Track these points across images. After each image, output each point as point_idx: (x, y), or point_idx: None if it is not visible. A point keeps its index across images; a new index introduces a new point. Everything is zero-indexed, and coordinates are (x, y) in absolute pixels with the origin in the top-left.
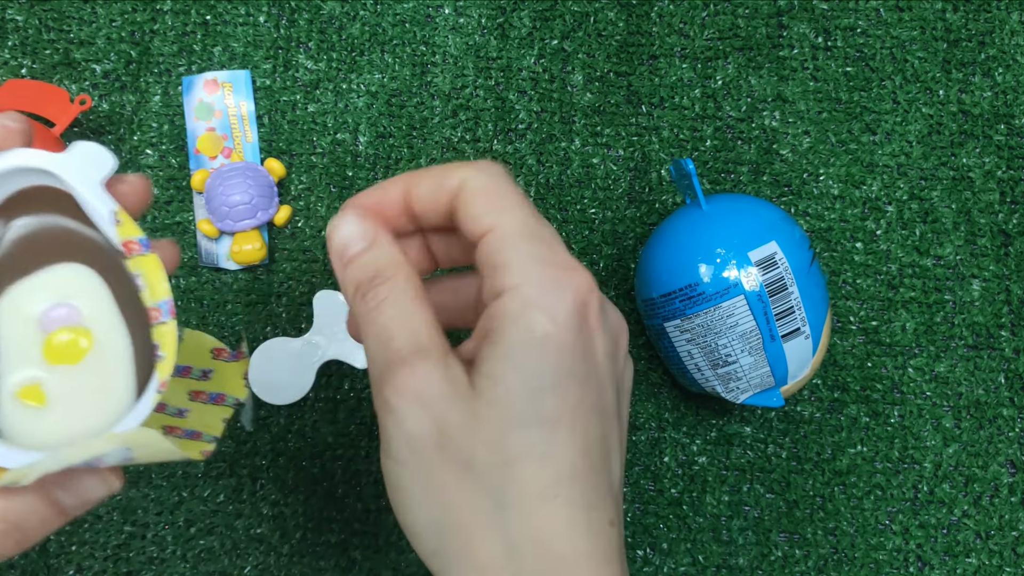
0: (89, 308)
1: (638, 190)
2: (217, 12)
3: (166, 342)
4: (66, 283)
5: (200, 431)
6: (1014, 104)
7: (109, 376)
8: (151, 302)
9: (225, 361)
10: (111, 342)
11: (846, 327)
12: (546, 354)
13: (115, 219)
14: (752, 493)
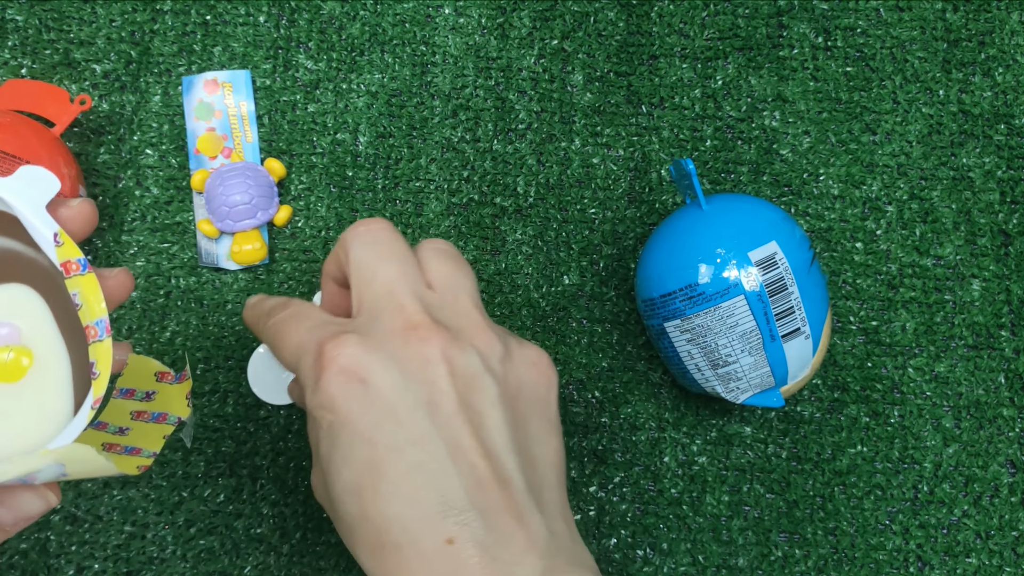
0: (30, 327)
1: (638, 190)
2: (217, 12)
3: (101, 359)
4: (8, 303)
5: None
6: (1014, 104)
7: (48, 394)
8: (88, 320)
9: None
10: (50, 361)
11: (846, 327)
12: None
13: (56, 240)
14: (752, 493)
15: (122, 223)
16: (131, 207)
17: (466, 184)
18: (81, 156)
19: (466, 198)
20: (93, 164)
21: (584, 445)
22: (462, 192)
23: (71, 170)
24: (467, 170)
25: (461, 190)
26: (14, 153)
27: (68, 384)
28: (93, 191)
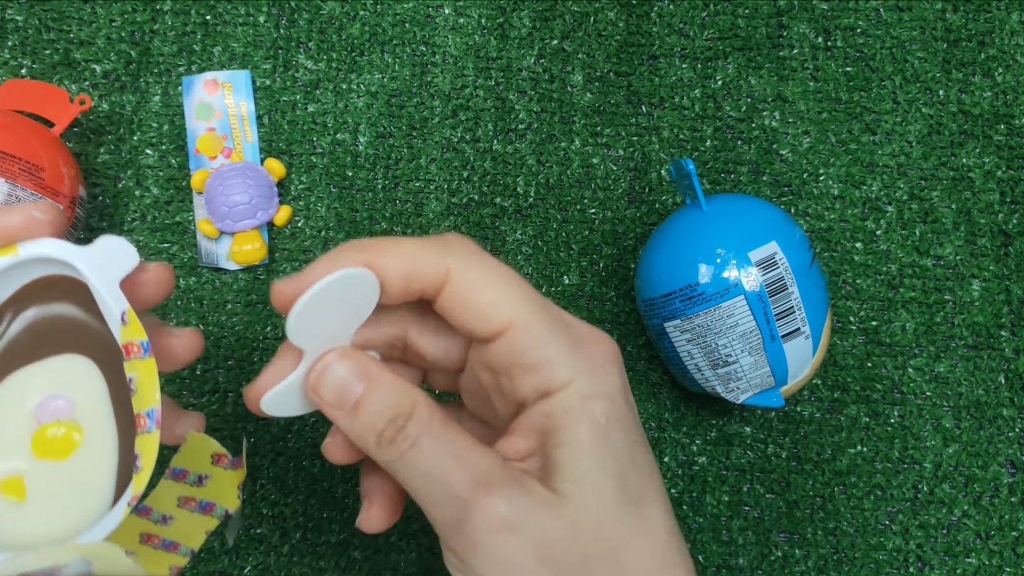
0: (84, 403)
1: (638, 190)
2: (217, 12)
3: (146, 453)
4: (65, 374)
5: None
6: (1014, 104)
7: (92, 477)
8: (140, 408)
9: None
10: (99, 441)
11: (846, 327)
12: (616, 437)
13: (123, 319)
14: (752, 493)
15: (122, 223)
16: (131, 207)
17: (466, 184)
18: (81, 156)
19: (466, 198)
20: (93, 164)
21: None
22: (462, 192)
23: (71, 170)
24: (467, 170)
25: (461, 190)
26: (14, 153)
27: (113, 471)
28: (93, 191)
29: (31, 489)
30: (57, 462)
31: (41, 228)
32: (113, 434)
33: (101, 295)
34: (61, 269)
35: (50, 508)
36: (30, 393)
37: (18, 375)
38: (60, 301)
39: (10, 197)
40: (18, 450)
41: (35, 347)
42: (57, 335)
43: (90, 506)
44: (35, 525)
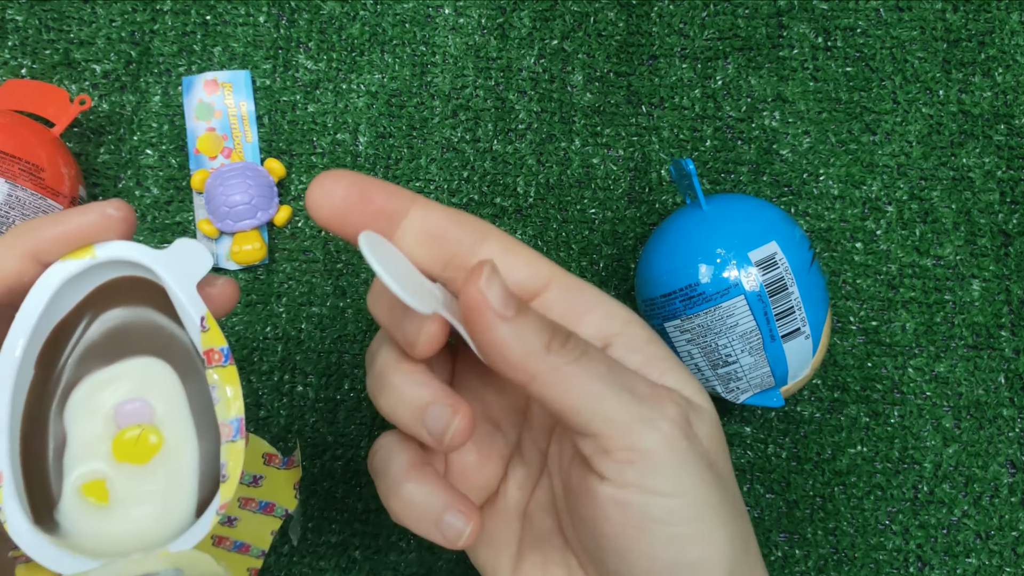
0: (162, 406)
1: (638, 190)
2: (217, 12)
3: (232, 461)
4: (143, 378)
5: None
6: (1014, 104)
7: (173, 482)
8: (224, 418)
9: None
10: (180, 446)
11: (846, 327)
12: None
13: (203, 325)
14: (752, 493)
15: None
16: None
17: (466, 184)
18: (81, 156)
19: (466, 198)
20: (93, 164)
21: None
22: (462, 192)
23: (71, 170)
24: (467, 170)
25: (461, 190)
26: (14, 153)
27: (195, 477)
28: (93, 191)
29: (113, 493)
30: (137, 466)
31: (116, 226)
32: (193, 439)
33: (180, 300)
34: (137, 271)
35: (133, 513)
36: (108, 396)
37: (96, 377)
38: (137, 303)
39: (10, 197)
40: (98, 453)
41: (113, 349)
42: (135, 338)
43: (173, 512)
44: (118, 530)
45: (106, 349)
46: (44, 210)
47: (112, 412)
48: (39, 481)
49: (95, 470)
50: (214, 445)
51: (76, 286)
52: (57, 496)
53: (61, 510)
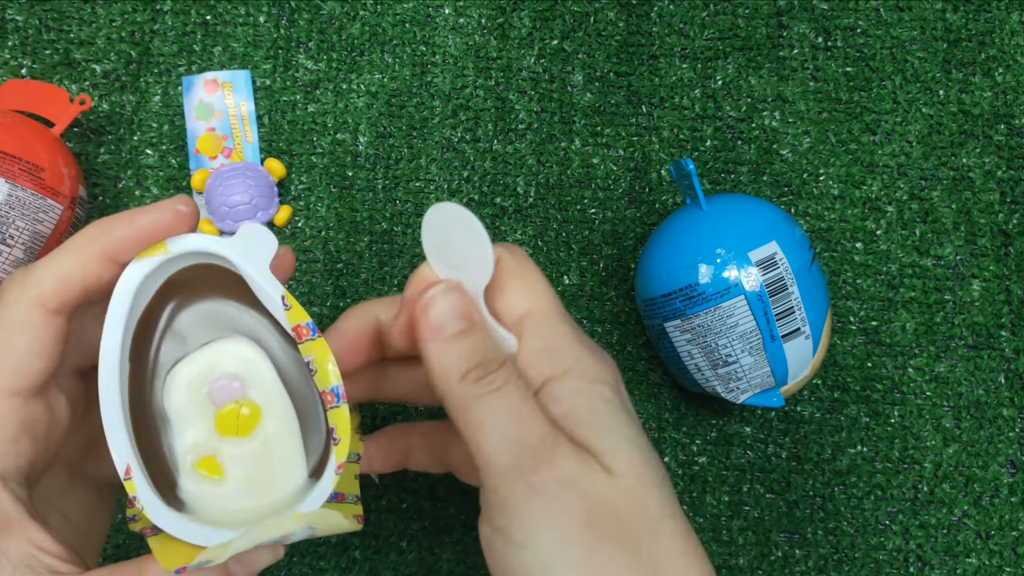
0: (254, 382)
1: (638, 190)
2: (217, 12)
3: (340, 426)
4: (231, 357)
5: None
6: (1014, 104)
7: (278, 451)
8: (323, 387)
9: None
10: (278, 417)
11: (846, 327)
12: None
13: (284, 304)
14: (752, 493)
15: None
16: (131, 207)
17: (466, 184)
18: (81, 156)
19: (466, 198)
20: (93, 164)
21: None
22: (462, 192)
23: (71, 170)
24: (467, 170)
25: (461, 190)
26: (14, 153)
27: (299, 444)
28: (93, 191)
29: (226, 466)
30: (242, 439)
31: (186, 221)
32: (290, 409)
33: (257, 282)
34: (209, 259)
35: (247, 482)
36: (200, 378)
37: (187, 362)
38: (212, 289)
39: (10, 197)
40: (204, 432)
41: (197, 334)
42: (215, 321)
43: (285, 477)
44: (239, 499)
45: (190, 335)
46: (44, 210)
47: (207, 392)
48: (156, 466)
49: (203, 447)
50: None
51: (153, 280)
52: (175, 477)
53: (182, 488)
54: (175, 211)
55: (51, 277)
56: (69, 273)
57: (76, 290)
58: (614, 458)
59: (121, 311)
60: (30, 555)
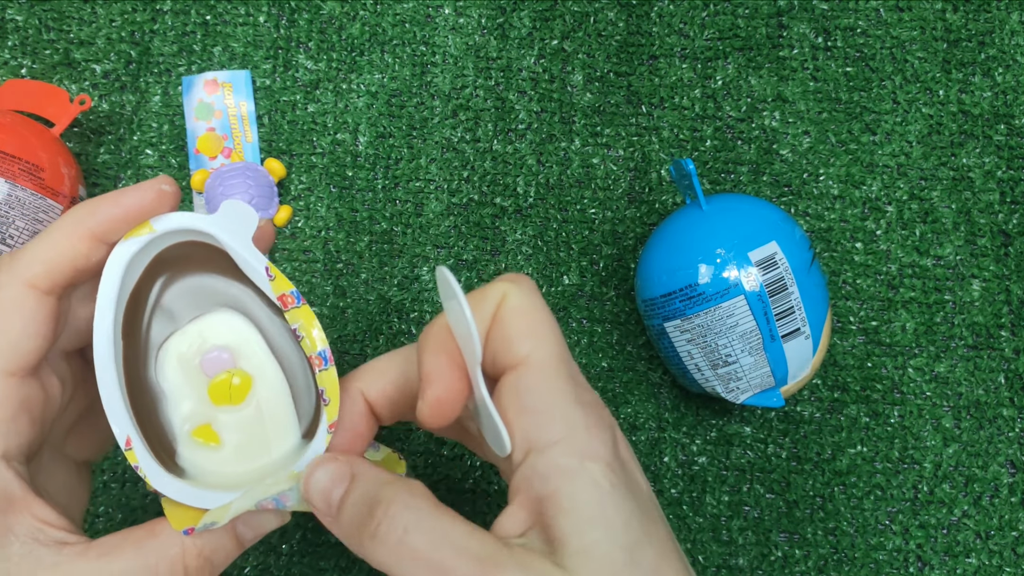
0: (244, 352)
1: (638, 190)
2: (217, 12)
3: (330, 387)
4: (219, 329)
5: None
6: (1014, 104)
7: (271, 416)
8: (311, 351)
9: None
10: (269, 384)
11: (846, 327)
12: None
13: (268, 274)
14: (752, 493)
15: None
16: None
17: (466, 184)
18: (81, 156)
19: (466, 198)
20: (93, 164)
21: None
22: (462, 192)
23: (71, 170)
24: (467, 170)
25: (461, 190)
26: (14, 153)
27: (290, 408)
28: (93, 191)
29: (222, 434)
30: (235, 407)
31: (169, 201)
32: (280, 375)
33: (241, 255)
34: (194, 236)
35: (243, 447)
36: (191, 350)
37: (177, 337)
38: (198, 264)
39: (10, 197)
40: (199, 402)
41: (187, 309)
42: (205, 296)
43: (279, 440)
44: (237, 464)
45: (179, 310)
46: (44, 210)
47: (199, 364)
48: (155, 437)
49: (199, 416)
50: (299, 372)
51: (141, 259)
52: (174, 446)
53: (181, 456)
54: (159, 191)
55: (41, 259)
56: (59, 254)
57: (66, 271)
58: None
59: (111, 290)
60: (37, 529)
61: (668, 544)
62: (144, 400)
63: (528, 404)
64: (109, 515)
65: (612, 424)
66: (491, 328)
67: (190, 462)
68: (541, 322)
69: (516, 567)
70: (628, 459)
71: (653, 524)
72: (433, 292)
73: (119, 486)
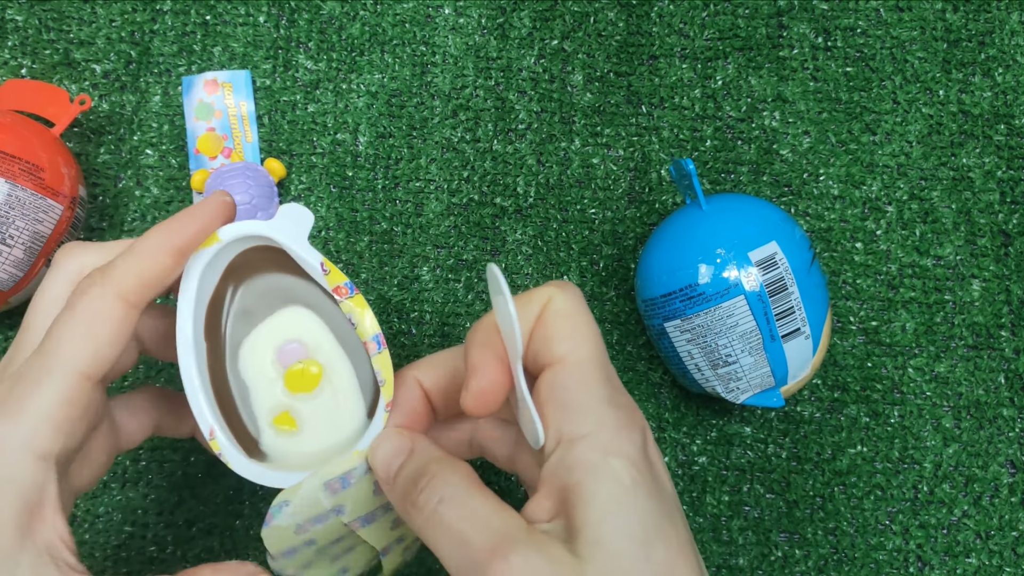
0: (314, 343)
1: (638, 190)
2: (217, 12)
3: (384, 368)
4: (291, 324)
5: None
6: (1014, 104)
7: (341, 400)
8: (365, 337)
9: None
10: (337, 370)
11: (846, 327)
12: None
13: (323, 269)
14: (752, 493)
15: (122, 223)
16: (131, 207)
17: (466, 184)
18: (81, 156)
19: (466, 198)
20: (93, 164)
21: None
22: (462, 192)
23: (71, 170)
24: (467, 170)
25: (461, 190)
26: (14, 153)
27: (356, 390)
28: (93, 191)
29: (298, 419)
30: (309, 394)
31: (230, 213)
32: (346, 361)
33: (298, 254)
34: (258, 241)
35: (318, 431)
36: (267, 345)
37: (255, 334)
38: (266, 266)
39: (10, 197)
40: (277, 392)
41: (261, 308)
42: (274, 294)
43: (348, 421)
44: (313, 447)
45: (254, 309)
46: (44, 210)
47: (275, 357)
48: (238, 428)
49: (279, 406)
50: (364, 360)
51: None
52: (257, 434)
53: (263, 443)
54: (223, 203)
55: (132, 273)
56: (148, 269)
57: (155, 285)
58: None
59: (189, 297)
60: (54, 545)
61: (686, 545)
62: (227, 394)
63: (562, 400)
64: (109, 515)
65: (644, 427)
66: (535, 328)
67: (271, 447)
68: (583, 325)
69: (530, 546)
70: (656, 460)
71: (672, 524)
72: (433, 292)
73: (119, 486)
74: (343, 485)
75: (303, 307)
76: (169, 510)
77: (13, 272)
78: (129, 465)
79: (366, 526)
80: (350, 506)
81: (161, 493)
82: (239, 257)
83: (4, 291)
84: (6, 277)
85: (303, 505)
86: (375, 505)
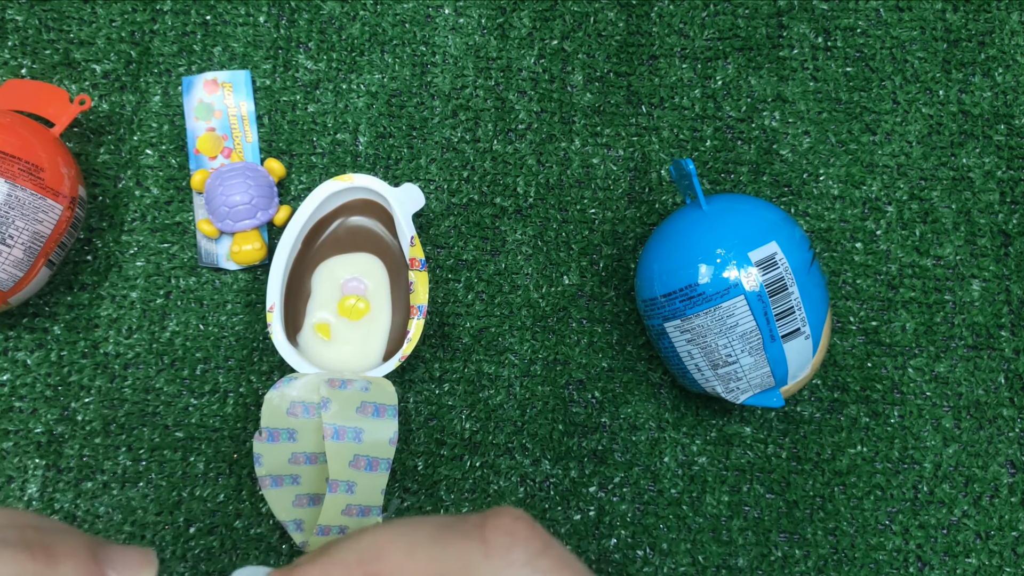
0: (372, 287)
1: (638, 190)
2: (217, 12)
3: (416, 330)
4: (364, 265)
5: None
6: (1014, 104)
7: (372, 336)
8: (415, 303)
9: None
10: (379, 315)
11: (846, 327)
12: None
13: (412, 242)
14: (752, 493)
15: (122, 223)
16: (131, 207)
17: (466, 184)
18: (81, 156)
19: (466, 198)
20: (93, 164)
21: (584, 445)
22: (462, 192)
23: (71, 170)
24: (467, 170)
25: (461, 190)
26: (14, 153)
27: (385, 336)
28: (93, 191)
29: (334, 334)
30: (351, 322)
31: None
32: (389, 312)
33: (401, 223)
34: (376, 197)
35: (345, 350)
36: (341, 272)
37: (336, 259)
38: (371, 217)
39: (10, 197)
40: (328, 308)
41: (349, 243)
42: (364, 238)
43: (370, 354)
44: (336, 358)
45: (345, 241)
46: (44, 210)
47: (341, 283)
48: (292, 316)
49: (324, 317)
50: (402, 319)
51: (336, 198)
52: (299, 328)
53: (301, 336)
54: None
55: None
56: None
57: None
58: None
59: (308, 208)
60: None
61: None
62: (296, 290)
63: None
64: (109, 515)
65: None
66: None
67: (305, 343)
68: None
69: None
70: None
71: None
72: (433, 292)
73: (119, 486)
74: (341, 386)
75: (378, 258)
76: (169, 510)
77: (13, 272)
78: (129, 465)
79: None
80: (334, 408)
81: (161, 493)
82: (356, 200)
83: (4, 291)
84: (6, 277)
85: (305, 389)
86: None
